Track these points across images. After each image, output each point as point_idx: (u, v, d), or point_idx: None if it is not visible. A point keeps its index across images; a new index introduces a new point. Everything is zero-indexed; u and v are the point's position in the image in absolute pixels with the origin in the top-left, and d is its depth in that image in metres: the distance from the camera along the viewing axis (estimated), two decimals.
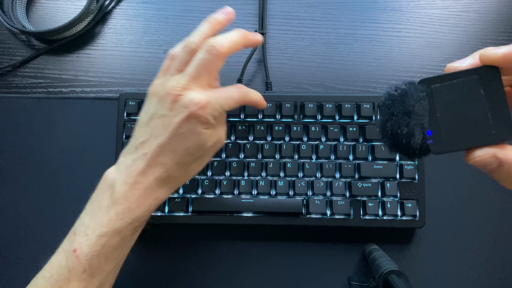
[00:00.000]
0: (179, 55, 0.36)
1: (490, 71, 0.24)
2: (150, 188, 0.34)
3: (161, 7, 0.54)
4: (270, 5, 0.53)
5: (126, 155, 0.35)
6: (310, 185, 0.44)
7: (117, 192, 0.33)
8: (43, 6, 0.54)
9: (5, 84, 0.51)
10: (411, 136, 0.25)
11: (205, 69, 0.34)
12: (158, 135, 0.34)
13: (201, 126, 0.34)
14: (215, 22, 0.37)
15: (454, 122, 0.24)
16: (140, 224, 0.36)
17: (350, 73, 0.51)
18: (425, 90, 0.25)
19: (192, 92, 0.34)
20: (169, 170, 0.34)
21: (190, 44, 0.36)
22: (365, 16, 0.53)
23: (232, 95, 0.36)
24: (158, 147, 0.34)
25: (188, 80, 0.34)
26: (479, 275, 0.45)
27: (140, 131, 0.36)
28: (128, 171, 0.34)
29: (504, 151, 0.23)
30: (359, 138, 0.45)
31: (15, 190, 0.48)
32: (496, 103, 0.23)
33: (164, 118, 0.34)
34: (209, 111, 0.34)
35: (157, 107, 0.35)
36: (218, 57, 0.34)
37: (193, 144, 0.34)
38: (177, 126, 0.34)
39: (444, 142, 0.24)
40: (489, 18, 0.52)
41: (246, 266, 0.46)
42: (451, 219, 0.46)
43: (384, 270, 0.39)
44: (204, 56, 0.34)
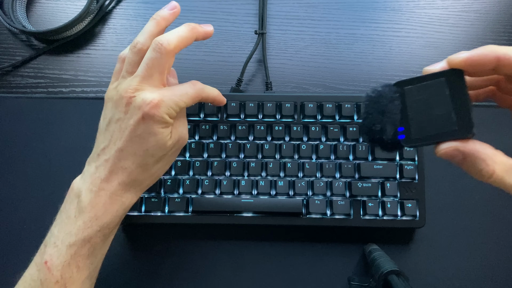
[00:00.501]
0: (128, 57, 0.36)
1: (455, 73, 0.26)
2: (116, 194, 0.34)
3: (161, 7, 0.53)
4: (270, 5, 0.53)
5: (90, 163, 0.35)
6: (310, 185, 0.44)
7: (83, 201, 0.34)
8: (43, 6, 0.54)
9: (5, 84, 0.51)
10: (383, 132, 0.28)
11: (155, 68, 0.34)
12: (117, 139, 0.34)
13: (157, 125, 0.34)
14: (160, 19, 0.36)
15: (422, 120, 0.27)
16: (110, 231, 0.36)
17: (350, 73, 0.51)
18: (399, 91, 0.28)
19: (144, 92, 0.34)
20: (132, 174, 0.34)
21: (137, 44, 0.35)
22: (365, 16, 0.53)
23: (186, 91, 0.36)
24: (118, 151, 0.34)
25: (140, 81, 0.34)
26: (479, 275, 0.45)
27: (100, 137, 0.36)
28: (92, 179, 0.34)
29: (465, 145, 0.26)
30: (359, 138, 0.45)
31: (15, 190, 0.48)
32: (460, 102, 0.26)
33: (120, 122, 0.34)
34: (163, 109, 0.33)
35: (113, 111, 0.35)
36: (167, 55, 0.34)
37: (152, 144, 0.34)
38: (133, 128, 0.33)
39: (413, 137, 0.27)
40: (489, 18, 0.52)
41: (246, 266, 0.46)
42: (451, 219, 0.46)
43: (384, 270, 0.39)
44: (153, 55, 0.34)
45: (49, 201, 0.48)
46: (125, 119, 0.34)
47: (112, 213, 0.34)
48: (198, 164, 0.45)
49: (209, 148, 0.45)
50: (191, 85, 0.37)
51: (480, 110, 0.48)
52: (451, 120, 0.26)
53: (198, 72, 0.51)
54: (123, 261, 0.46)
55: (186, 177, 0.45)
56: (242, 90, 0.50)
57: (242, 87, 0.50)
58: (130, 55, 0.36)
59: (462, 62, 0.26)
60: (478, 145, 0.26)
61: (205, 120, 0.46)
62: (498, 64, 0.26)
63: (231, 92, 0.49)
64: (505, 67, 0.26)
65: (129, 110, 0.34)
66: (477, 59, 0.26)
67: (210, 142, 0.45)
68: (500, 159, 0.26)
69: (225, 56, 0.52)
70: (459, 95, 0.26)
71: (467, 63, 0.26)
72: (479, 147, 0.26)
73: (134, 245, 0.47)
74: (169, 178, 0.45)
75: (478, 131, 0.26)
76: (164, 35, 0.35)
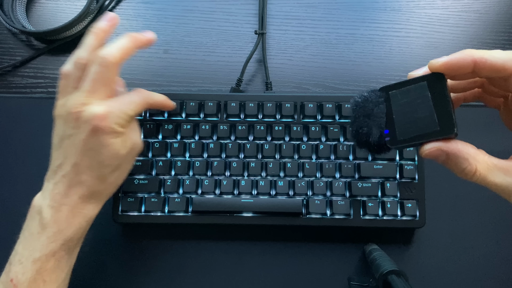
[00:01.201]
0: (71, 73, 0.36)
1: (436, 77, 0.27)
2: (77, 208, 0.35)
3: (161, 7, 0.54)
4: (270, 5, 0.53)
5: (48, 180, 0.36)
6: (310, 185, 0.44)
7: (45, 217, 0.34)
8: (43, 6, 0.54)
9: (5, 84, 0.51)
10: (369, 134, 0.29)
11: (100, 81, 0.35)
12: (71, 155, 0.35)
13: (108, 136, 0.34)
14: (99, 31, 0.37)
15: (407, 122, 0.28)
16: (75, 243, 0.36)
17: (350, 73, 0.51)
18: (384, 95, 0.29)
19: (91, 106, 0.34)
20: (90, 187, 0.35)
21: (79, 59, 0.36)
22: (365, 16, 0.53)
23: (132, 99, 0.36)
24: (73, 166, 0.34)
25: (86, 95, 0.34)
26: (479, 275, 0.45)
27: (55, 154, 0.36)
28: (52, 195, 0.35)
29: (448, 145, 0.27)
30: None
31: (15, 190, 0.48)
32: (441, 104, 0.27)
33: (72, 137, 0.35)
34: (112, 120, 0.34)
35: (64, 128, 0.35)
36: (110, 67, 0.35)
37: (106, 156, 0.35)
38: (85, 142, 0.34)
39: (398, 139, 0.28)
40: (489, 18, 0.52)
41: (246, 266, 0.46)
42: (451, 219, 0.46)
43: (384, 270, 0.39)
44: (97, 69, 0.34)
45: None
46: (76, 134, 0.34)
47: (75, 226, 0.35)
48: (198, 164, 0.45)
49: (209, 148, 0.45)
50: (137, 93, 0.37)
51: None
52: (433, 121, 0.27)
53: (198, 72, 0.51)
54: (123, 261, 0.46)
55: (186, 177, 0.45)
56: (242, 90, 0.50)
57: (242, 87, 0.50)
58: (73, 71, 0.36)
59: (442, 66, 0.27)
60: (461, 144, 0.27)
61: (205, 120, 0.46)
62: (475, 67, 0.26)
63: (231, 92, 0.49)
64: (482, 70, 0.26)
65: (79, 125, 0.34)
66: (455, 62, 0.27)
67: (210, 142, 0.45)
68: (482, 158, 0.27)
69: (225, 56, 0.52)
70: (440, 98, 0.27)
71: (446, 67, 0.27)
72: (461, 147, 0.27)
73: (134, 245, 0.47)
74: (169, 178, 0.45)
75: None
76: (106, 48, 0.35)
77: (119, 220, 0.44)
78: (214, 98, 0.46)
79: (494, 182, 0.26)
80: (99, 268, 0.46)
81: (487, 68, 0.26)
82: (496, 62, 0.26)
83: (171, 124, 0.45)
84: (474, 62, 0.26)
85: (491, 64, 0.26)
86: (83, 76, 0.35)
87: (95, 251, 0.46)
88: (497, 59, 0.26)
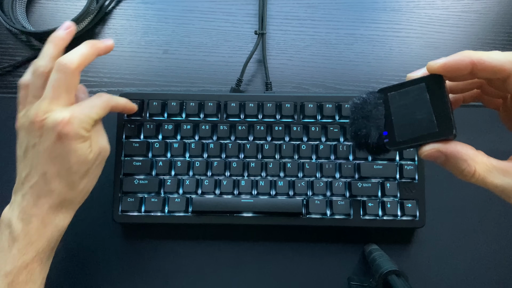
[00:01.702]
0: (32, 82, 0.36)
1: (435, 79, 0.27)
2: (47, 218, 0.35)
3: (161, 7, 0.54)
4: (270, 5, 0.53)
5: (16, 193, 0.36)
6: (310, 185, 0.44)
7: (15, 230, 0.34)
8: (43, 6, 0.54)
9: (5, 84, 0.51)
10: (368, 136, 0.29)
11: (61, 88, 0.35)
12: (37, 164, 0.34)
13: (74, 142, 0.34)
14: (57, 40, 0.37)
15: (405, 124, 0.28)
16: (47, 254, 0.36)
17: (350, 73, 0.51)
18: (382, 97, 0.29)
19: (54, 113, 0.34)
20: (60, 195, 0.35)
21: (39, 68, 0.36)
22: (365, 16, 0.53)
23: (95, 103, 0.37)
24: (41, 176, 0.34)
25: (48, 103, 0.34)
26: (479, 275, 0.45)
27: (21, 166, 0.36)
28: (21, 207, 0.34)
29: (447, 146, 0.27)
30: None
31: None
32: (439, 106, 0.27)
33: (37, 146, 0.34)
34: (77, 124, 0.34)
35: (28, 138, 0.35)
36: (71, 74, 0.35)
37: (74, 161, 0.34)
38: (51, 149, 0.34)
39: (397, 140, 0.28)
40: (489, 18, 0.52)
41: (246, 266, 0.46)
42: (451, 219, 0.46)
43: (384, 270, 0.39)
44: (57, 76, 0.34)
45: None
46: (41, 143, 0.34)
47: (47, 237, 0.35)
48: (198, 164, 0.45)
49: (209, 148, 0.45)
50: (98, 97, 0.38)
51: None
52: (432, 123, 0.27)
53: (198, 72, 0.51)
54: (122, 261, 0.46)
55: (186, 177, 0.45)
56: (242, 90, 0.50)
57: (242, 87, 0.50)
58: (33, 80, 0.36)
59: (440, 67, 0.27)
60: (459, 146, 0.27)
61: (205, 120, 0.46)
62: (473, 68, 0.26)
63: (231, 92, 0.49)
64: (481, 71, 0.26)
65: (43, 133, 0.34)
66: (453, 64, 0.27)
67: (210, 142, 0.45)
68: (480, 159, 0.27)
69: (225, 56, 0.52)
70: (439, 99, 0.27)
71: (444, 68, 0.27)
72: (460, 148, 0.27)
73: (134, 245, 0.47)
74: (169, 178, 0.45)
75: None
76: (65, 55, 0.35)
77: (119, 220, 0.44)
78: (214, 98, 0.46)
79: (493, 183, 0.26)
80: (99, 268, 0.46)
81: (485, 70, 0.26)
82: (494, 64, 0.26)
83: (171, 124, 0.45)
84: (472, 64, 0.26)
85: (489, 66, 0.26)
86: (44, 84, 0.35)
87: (95, 251, 0.46)
88: (495, 60, 0.26)
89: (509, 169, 0.26)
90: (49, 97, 0.34)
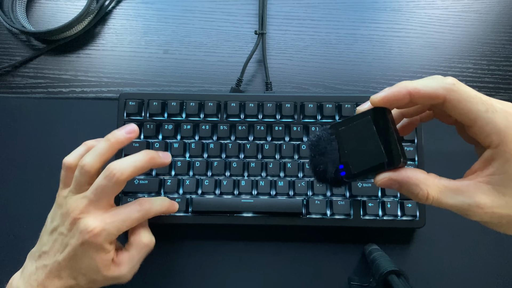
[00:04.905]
0: (76, 176, 0.36)
1: (379, 111, 0.29)
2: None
3: (161, 7, 0.54)
4: (270, 5, 0.53)
5: (31, 260, 0.37)
6: (310, 185, 0.44)
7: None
8: (43, 6, 0.54)
9: (5, 84, 0.51)
10: (326, 172, 0.30)
11: (104, 194, 0.35)
12: (57, 251, 0.36)
13: (95, 252, 0.35)
14: (115, 142, 0.37)
15: (358, 156, 0.29)
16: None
17: (350, 73, 0.51)
18: (334, 133, 0.31)
19: (88, 218, 0.35)
20: (67, 283, 0.36)
21: (85, 166, 0.36)
22: (365, 16, 0.53)
23: (131, 216, 0.37)
24: (56, 262, 0.35)
25: (87, 204, 0.35)
26: (479, 275, 0.45)
27: (45, 237, 0.37)
28: (31, 280, 0.36)
29: (397, 174, 0.27)
30: None
31: (15, 190, 0.48)
32: (386, 136, 0.28)
33: (63, 236, 0.36)
34: (103, 237, 0.35)
35: (59, 222, 0.36)
36: (118, 184, 0.35)
37: (85, 266, 0.36)
38: (73, 248, 0.35)
39: (353, 172, 0.29)
40: (489, 18, 0.52)
41: (246, 266, 0.46)
42: (451, 219, 0.46)
43: (384, 270, 0.39)
44: (104, 183, 0.35)
45: (49, 201, 0.48)
46: (68, 237, 0.36)
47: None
48: (198, 164, 0.45)
49: (209, 148, 0.45)
50: (137, 206, 0.37)
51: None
52: (381, 153, 0.28)
53: (198, 72, 0.51)
54: None
55: (186, 177, 0.45)
56: (242, 90, 0.50)
57: (242, 87, 0.50)
58: (78, 175, 0.36)
59: (380, 101, 0.28)
60: (410, 172, 0.27)
61: (205, 120, 0.46)
62: (411, 97, 0.27)
63: (231, 92, 0.49)
64: (418, 99, 0.27)
65: (72, 230, 0.35)
66: (392, 96, 0.27)
67: (210, 142, 0.45)
68: (432, 182, 0.27)
69: (225, 56, 0.52)
70: (384, 131, 0.28)
71: (384, 101, 0.28)
72: (411, 174, 0.27)
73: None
74: (169, 178, 0.45)
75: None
76: (119, 163, 0.36)
77: None
78: (214, 98, 0.46)
79: (448, 203, 0.27)
80: None
81: (422, 98, 0.27)
82: (428, 91, 0.27)
83: (171, 124, 0.45)
84: (409, 94, 0.27)
85: (425, 94, 0.27)
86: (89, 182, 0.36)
87: None
88: (429, 88, 0.27)
89: (460, 187, 0.27)
90: (90, 199, 0.35)
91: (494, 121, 0.25)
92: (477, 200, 0.26)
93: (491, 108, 0.26)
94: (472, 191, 0.26)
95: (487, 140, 0.26)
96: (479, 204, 0.26)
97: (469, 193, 0.26)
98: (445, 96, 0.26)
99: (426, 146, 0.45)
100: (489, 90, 0.50)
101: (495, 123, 0.25)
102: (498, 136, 0.25)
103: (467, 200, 0.26)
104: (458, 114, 0.27)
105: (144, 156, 0.37)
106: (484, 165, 0.27)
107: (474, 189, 0.26)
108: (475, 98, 0.26)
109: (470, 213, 0.26)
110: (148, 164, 0.37)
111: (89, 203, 0.35)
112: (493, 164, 0.26)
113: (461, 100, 0.26)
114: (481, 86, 0.50)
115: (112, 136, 0.37)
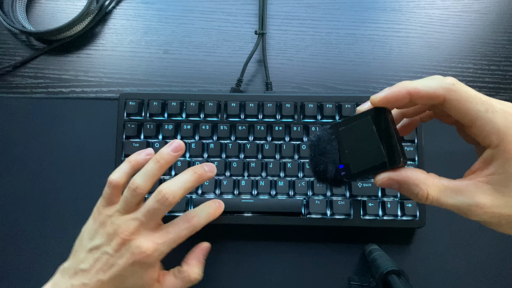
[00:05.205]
0: (126, 197, 0.36)
1: (379, 111, 0.29)
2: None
3: (161, 7, 0.54)
4: (270, 5, 0.53)
5: (65, 276, 0.36)
6: (310, 185, 0.44)
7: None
8: (43, 6, 0.54)
9: (5, 84, 0.51)
10: (326, 171, 0.31)
11: (155, 216, 0.36)
12: (101, 270, 0.35)
13: (144, 271, 0.35)
14: (164, 163, 0.37)
15: (358, 156, 0.29)
16: None
17: (350, 73, 0.51)
18: (335, 133, 0.31)
19: (140, 239, 0.35)
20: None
21: (137, 188, 0.36)
22: (365, 16, 0.53)
23: (180, 234, 0.37)
24: (99, 281, 0.35)
25: (138, 226, 0.35)
26: (479, 275, 0.45)
27: (82, 255, 0.36)
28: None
29: (397, 174, 0.28)
30: None
31: (15, 190, 0.48)
32: (386, 137, 0.28)
33: (109, 256, 0.35)
34: (155, 257, 0.36)
35: (103, 241, 0.36)
36: (169, 207, 0.36)
37: (130, 285, 0.36)
38: (121, 268, 0.35)
39: (353, 172, 0.29)
40: (489, 18, 0.52)
41: (246, 266, 0.46)
42: (451, 219, 0.46)
43: (384, 270, 0.39)
44: (155, 206, 0.35)
45: (49, 201, 0.48)
46: (115, 257, 0.35)
47: None
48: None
49: (209, 148, 0.45)
50: (186, 224, 0.37)
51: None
52: (381, 153, 0.28)
53: (198, 72, 0.51)
54: None
55: None
56: (242, 90, 0.50)
57: (242, 87, 0.50)
58: (128, 197, 0.36)
59: (381, 101, 0.28)
60: (410, 172, 0.28)
61: (205, 120, 0.46)
62: (411, 97, 0.27)
63: (231, 92, 0.49)
64: (418, 99, 0.27)
65: (121, 250, 0.35)
66: (392, 96, 0.28)
67: (210, 142, 0.45)
68: (431, 182, 0.27)
69: (225, 56, 0.52)
70: (384, 130, 0.28)
71: (384, 101, 0.28)
72: (410, 174, 0.27)
73: None
74: (169, 179, 0.44)
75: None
76: (170, 186, 0.36)
77: None
78: (214, 98, 0.46)
79: (447, 203, 0.27)
80: None
81: (422, 98, 0.27)
82: (428, 91, 0.27)
83: (171, 124, 0.45)
84: (409, 94, 0.27)
85: (424, 94, 0.27)
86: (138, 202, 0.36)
87: None
88: (428, 88, 0.27)
89: (460, 187, 0.27)
90: (141, 220, 0.36)
91: (494, 121, 0.25)
92: (477, 200, 0.26)
93: (491, 108, 0.26)
94: (472, 191, 0.26)
95: (487, 140, 0.26)
96: (479, 204, 0.26)
97: (469, 193, 0.26)
98: (444, 96, 0.26)
99: (426, 146, 0.45)
100: (489, 90, 0.50)
101: (494, 123, 0.25)
102: (498, 136, 0.25)
103: (467, 200, 0.26)
104: (457, 114, 0.27)
105: (192, 176, 0.37)
106: (484, 165, 0.27)
107: (474, 189, 0.26)
108: (474, 98, 0.26)
109: (470, 213, 0.26)
110: (197, 183, 0.38)
111: (140, 224, 0.36)
112: (492, 164, 0.26)
113: (460, 100, 0.26)
114: (481, 86, 0.50)
115: (161, 157, 0.37)
